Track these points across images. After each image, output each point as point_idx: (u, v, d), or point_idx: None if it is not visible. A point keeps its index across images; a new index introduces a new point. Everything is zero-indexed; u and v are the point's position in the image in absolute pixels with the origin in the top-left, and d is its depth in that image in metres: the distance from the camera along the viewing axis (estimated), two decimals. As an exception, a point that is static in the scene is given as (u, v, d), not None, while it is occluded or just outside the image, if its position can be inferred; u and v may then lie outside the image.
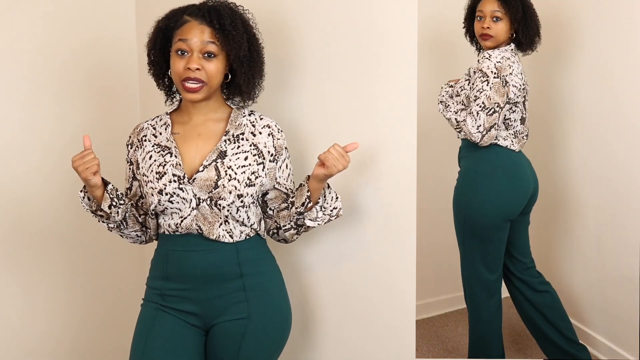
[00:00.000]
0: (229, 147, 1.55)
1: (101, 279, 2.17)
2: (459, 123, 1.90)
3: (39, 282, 2.04)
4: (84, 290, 2.14)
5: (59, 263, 2.08)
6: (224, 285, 1.56)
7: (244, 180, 1.52)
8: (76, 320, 2.13)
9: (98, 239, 2.08)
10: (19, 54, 1.94)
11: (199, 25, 1.50)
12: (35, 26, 1.96)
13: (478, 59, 1.95)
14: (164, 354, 1.54)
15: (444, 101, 1.97)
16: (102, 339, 2.19)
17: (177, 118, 1.61)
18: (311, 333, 1.90)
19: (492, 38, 1.90)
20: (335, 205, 1.61)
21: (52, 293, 2.07)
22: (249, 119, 1.59)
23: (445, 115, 1.95)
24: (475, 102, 1.86)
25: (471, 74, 1.94)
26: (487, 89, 1.86)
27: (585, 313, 2.08)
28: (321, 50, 1.76)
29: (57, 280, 2.08)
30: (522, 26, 1.88)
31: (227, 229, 1.55)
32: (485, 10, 1.90)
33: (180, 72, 1.50)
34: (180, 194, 1.52)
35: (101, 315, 2.18)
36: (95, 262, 2.15)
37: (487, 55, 1.90)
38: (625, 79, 1.90)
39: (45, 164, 2.00)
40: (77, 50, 2.03)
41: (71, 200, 1.90)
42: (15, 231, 1.99)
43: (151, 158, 1.57)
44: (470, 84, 1.91)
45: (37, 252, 2.03)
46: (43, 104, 1.99)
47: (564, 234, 2.10)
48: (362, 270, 1.80)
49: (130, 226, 1.63)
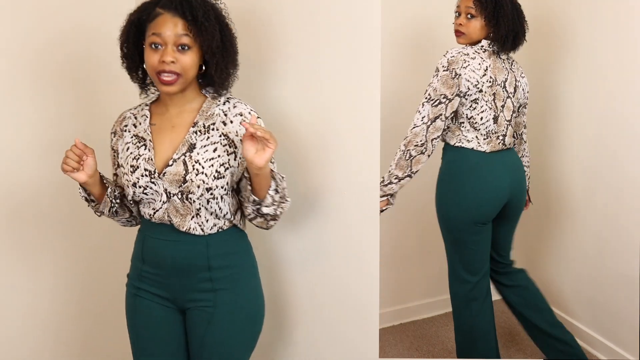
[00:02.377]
0: (198, 138, 1.55)
1: (102, 271, 2.17)
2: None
3: (43, 277, 2.05)
4: (89, 280, 2.15)
5: (52, 253, 2.07)
6: (193, 275, 1.59)
7: (211, 174, 1.53)
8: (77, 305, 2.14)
9: (94, 225, 2.05)
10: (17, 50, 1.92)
11: (172, 18, 1.50)
12: (29, 17, 1.93)
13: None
14: (150, 341, 1.64)
15: None
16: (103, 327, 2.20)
17: (156, 109, 1.63)
18: (283, 328, 1.95)
19: (464, 35, 1.91)
20: (284, 185, 1.58)
21: (56, 286, 2.08)
22: (222, 108, 1.58)
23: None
24: (424, 94, 1.88)
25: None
26: (435, 82, 1.87)
27: (585, 313, 2.08)
28: (303, 44, 1.81)
29: (61, 274, 2.08)
30: (494, 24, 1.87)
31: (199, 222, 1.57)
32: (461, 7, 1.91)
33: (155, 66, 1.50)
34: (153, 187, 1.56)
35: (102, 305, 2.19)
36: (93, 252, 2.14)
37: (445, 52, 1.90)
38: (620, 78, 1.90)
39: (28, 163, 1.98)
40: (64, 39, 2.00)
41: (59, 192, 1.92)
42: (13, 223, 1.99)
43: (128, 150, 1.60)
44: None
45: (27, 244, 2.02)
46: (42, 100, 1.97)
47: (563, 234, 2.11)
48: (327, 269, 1.87)
49: (120, 214, 1.69)
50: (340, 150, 1.81)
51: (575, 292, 2.10)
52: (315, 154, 1.84)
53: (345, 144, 1.80)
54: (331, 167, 1.83)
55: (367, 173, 1.77)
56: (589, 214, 2.03)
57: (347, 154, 1.80)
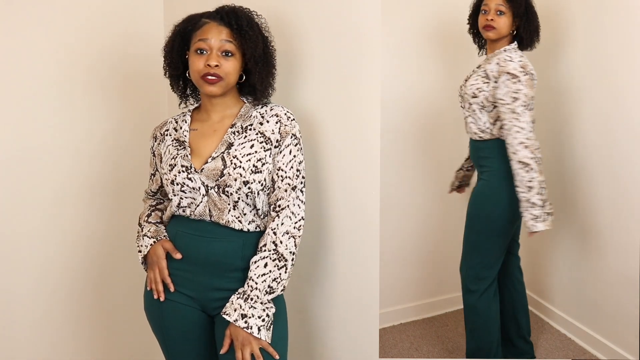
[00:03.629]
0: (236, 138, 1.62)
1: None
2: (506, 130, 1.90)
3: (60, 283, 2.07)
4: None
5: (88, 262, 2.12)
6: (223, 275, 1.61)
7: (249, 168, 1.58)
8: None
9: (131, 233, 2.11)
10: (48, 53, 1.99)
11: (218, 26, 1.60)
12: (62, 25, 2.01)
13: (493, 61, 1.95)
14: (181, 341, 1.65)
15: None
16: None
17: (197, 116, 1.71)
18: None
19: (495, 30, 1.96)
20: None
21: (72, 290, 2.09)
22: (260, 111, 1.66)
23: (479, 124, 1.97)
24: (514, 103, 1.89)
25: (490, 76, 1.94)
26: (522, 87, 1.89)
27: (585, 313, 2.08)
28: (316, 48, 1.83)
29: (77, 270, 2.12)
30: (523, 22, 1.95)
31: (236, 215, 1.60)
32: (490, 4, 1.97)
33: (200, 69, 1.59)
34: (189, 184, 1.60)
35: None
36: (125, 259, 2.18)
37: (507, 58, 1.93)
38: (626, 73, 1.90)
39: (80, 164, 2.08)
40: (106, 47, 2.10)
41: (106, 197, 2.04)
42: (51, 229, 2.04)
43: (169, 152, 1.67)
44: (493, 87, 1.93)
45: (67, 248, 2.08)
46: (74, 104, 2.06)
47: (563, 234, 2.10)
48: (328, 269, 1.88)
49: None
50: (340, 150, 1.81)
51: (575, 292, 2.10)
52: (315, 154, 1.85)
53: (346, 144, 1.80)
54: (331, 166, 1.83)
55: (367, 173, 1.77)
56: (589, 214, 2.03)
57: (348, 154, 1.80)
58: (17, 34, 1.93)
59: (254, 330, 1.51)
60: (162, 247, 1.64)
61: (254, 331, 1.51)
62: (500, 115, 1.92)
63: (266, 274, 1.55)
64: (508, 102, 1.89)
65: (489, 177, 2.01)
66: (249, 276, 1.56)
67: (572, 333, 2.11)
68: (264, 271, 1.56)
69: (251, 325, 1.51)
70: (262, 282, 1.55)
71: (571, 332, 2.11)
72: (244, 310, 1.52)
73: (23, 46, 1.94)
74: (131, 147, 2.12)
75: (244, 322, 1.51)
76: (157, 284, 1.63)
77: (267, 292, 1.55)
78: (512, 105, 1.89)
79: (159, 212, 1.77)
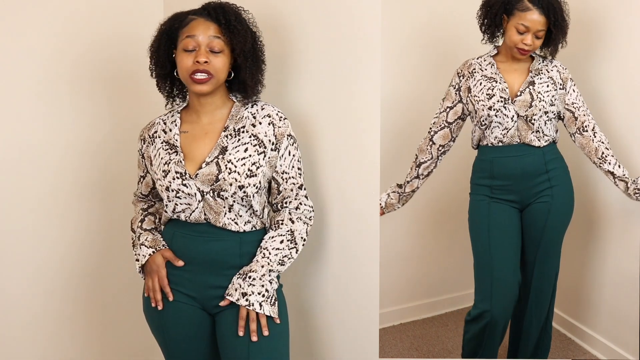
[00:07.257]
0: (230, 141, 1.60)
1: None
2: (590, 129, 1.91)
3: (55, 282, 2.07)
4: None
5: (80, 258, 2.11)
6: (222, 274, 1.61)
7: (244, 172, 1.57)
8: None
9: (124, 232, 2.10)
10: (44, 54, 1.97)
11: (205, 22, 1.57)
12: (55, 23, 1.98)
13: (551, 68, 1.94)
14: (183, 343, 1.65)
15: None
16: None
17: (186, 117, 1.67)
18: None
19: (528, 53, 1.91)
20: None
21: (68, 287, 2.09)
22: (251, 110, 1.64)
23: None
24: (584, 106, 1.92)
25: (557, 81, 1.93)
26: (577, 89, 1.93)
27: (585, 313, 2.08)
28: (316, 48, 1.82)
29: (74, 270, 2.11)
30: (560, 40, 1.89)
31: (232, 217, 1.60)
32: (532, 27, 1.86)
33: (188, 67, 1.56)
34: (185, 190, 1.58)
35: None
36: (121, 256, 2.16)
37: (561, 64, 1.94)
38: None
39: (70, 162, 2.05)
40: (106, 47, 2.07)
41: (96, 196, 2.02)
42: (42, 228, 2.02)
43: (160, 156, 1.64)
44: (561, 94, 1.93)
45: (60, 246, 2.06)
46: (63, 104, 2.02)
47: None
48: (328, 269, 1.89)
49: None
50: (340, 150, 1.81)
51: (575, 292, 2.10)
52: (315, 154, 1.85)
53: (346, 144, 1.80)
54: (332, 167, 1.83)
55: (367, 173, 1.77)
56: (589, 214, 2.03)
57: (348, 154, 1.80)
58: (13, 34, 1.90)
59: (256, 306, 1.54)
60: (161, 256, 1.64)
61: (256, 307, 1.54)
62: (579, 118, 1.90)
63: (280, 249, 1.60)
64: (582, 105, 1.91)
65: (562, 174, 1.97)
66: (263, 246, 1.60)
67: (572, 333, 2.11)
68: (279, 246, 1.61)
69: (252, 302, 1.55)
70: (275, 255, 1.60)
71: (571, 332, 2.11)
72: (244, 288, 1.56)
73: (12, 47, 1.90)
74: (123, 145, 2.05)
75: (245, 300, 1.55)
76: (155, 292, 1.63)
77: (279, 263, 1.59)
78: (585, 106, 1.91)
79: (152, 217, 1.74)
